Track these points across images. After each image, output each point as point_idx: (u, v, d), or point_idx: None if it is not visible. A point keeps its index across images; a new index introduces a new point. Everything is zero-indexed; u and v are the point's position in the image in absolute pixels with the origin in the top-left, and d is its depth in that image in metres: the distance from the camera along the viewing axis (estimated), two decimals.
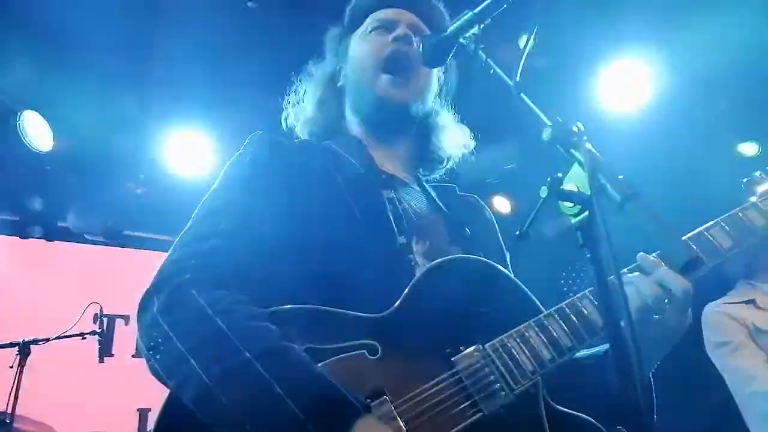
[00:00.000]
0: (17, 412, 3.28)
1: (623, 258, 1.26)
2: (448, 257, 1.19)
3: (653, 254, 1.22)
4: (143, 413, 4.72)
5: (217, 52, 3.80)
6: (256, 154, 1.29)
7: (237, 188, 1.22)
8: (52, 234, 4.86)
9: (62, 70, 3.88)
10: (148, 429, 4.51)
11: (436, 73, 1.54)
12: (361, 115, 1.49)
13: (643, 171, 3.05)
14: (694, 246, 1.16)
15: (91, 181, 4.63)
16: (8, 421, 3.23)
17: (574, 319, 1.16)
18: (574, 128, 0.90)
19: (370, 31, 1.50)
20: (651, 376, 1.23)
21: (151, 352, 1.01)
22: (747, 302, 2.55)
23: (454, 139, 1.58)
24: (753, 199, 1.39)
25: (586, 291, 1.21)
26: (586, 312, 1.17)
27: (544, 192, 0.88)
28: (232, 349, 0.95)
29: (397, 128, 1.51)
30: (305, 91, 1.60)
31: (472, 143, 1.63)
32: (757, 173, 1.46)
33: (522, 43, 1.13)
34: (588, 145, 0.88)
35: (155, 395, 1.05)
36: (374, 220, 1.23)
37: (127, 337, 5.05)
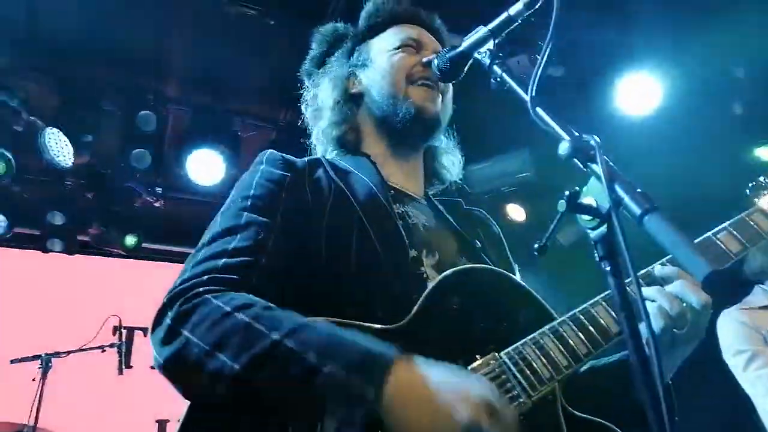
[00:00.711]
0: (39, 424, 3.33)
1: (641, 268, 1.27)
2: (461, 267, 1.19)
3: (665, 259, 1.23)
4: (162, 424, 4.75)
5: (233, 66, 3.85)
6: (266, 172, 1.29)
7: (248, 207, 1.21)
8: (72, 248, 4.94)
9: (82, 86, 3.96)
10: None
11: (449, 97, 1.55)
12: (389, 126, 1.46)
13: (657, 175, 3.03)
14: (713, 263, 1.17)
15: (109, 196, 4.70)
16: None
17: (589, 325, 1.16)
18: (591, 141, 0.90)
19: (398, 47, 1.48)
20: (671, 381, 1.23)
21: (171, 365, 1.00)
22: (763, 308, 2.54)
23: (456, 162, 1.60)
24: (759, 202, 1.42)
25: (599, 297, 1.21)
26: (600, 318, 1.17)
27: (561, 206, 0.88)
28: (258, 334, 0.95)
29: (422, 141, 1.52)
30: (319, 96, 1.56)
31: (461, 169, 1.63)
32: (762, 178, 1.47)
33: (537, 57, 1.14)
34: (605, 158, 0.88)
35: (175, 406, 1.04)
36: (386, 235, 1.23)
37: (146, 348, 5.08)
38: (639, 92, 3.88)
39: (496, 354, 1.09)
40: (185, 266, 1.12)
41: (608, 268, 0.84)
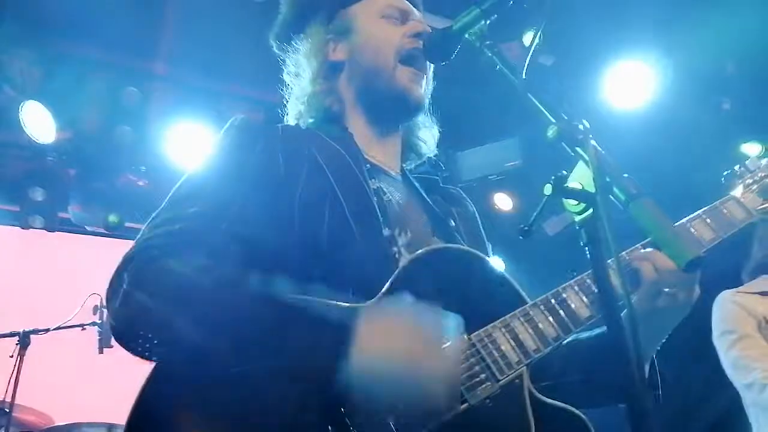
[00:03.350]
0: (16, 401, 3.29)
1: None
2: (431, 247, 1.18)
3: (646, 242, 1.23)
4: None
5: (221, 45, 3.79)
6: (236, 137, 1.27)
7: (211, 173, 1.20)
8: (52, 225, 4.86)
9: (66, 61, 3.88)
10: None
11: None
12: (371, 101, 1.44)
13: (647, 169, 3.05)
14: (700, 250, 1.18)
15: (92, 173, 4.63)
16: (8, 410, 3.24)
17: (559, 309, 1.16)
18: (580, 126, 0.90)
19: (383, 16, 1.44)
20: (655, 356, 1.24)
21: (127, 325, 1.01)
22: (763, 294, 2.49)
23: (433, 137, 1.57)
24: (733, 192, 1.42)
25: (571, 281, 1.21)
26: (570, 302, 1.17)
27: (548, 190, 0.88)
28: (223, 297, 0.98)
29: (403, 120, 1.50)
30: (299, 65, 1.52)
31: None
32: (737, 167, 1.48)
33: (528, 40, 1.13)
34: (593, 143, 0.87)
35: None
36: (361, 210, 1.22)
37: None
38: (629, 84, 3.89)
39: (465, 336, 1.08)
40: (143, 229, 1.11)
41: (591, 253, 0.84)
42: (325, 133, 1.38)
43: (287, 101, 1.55)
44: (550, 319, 1.14)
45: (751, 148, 4.26)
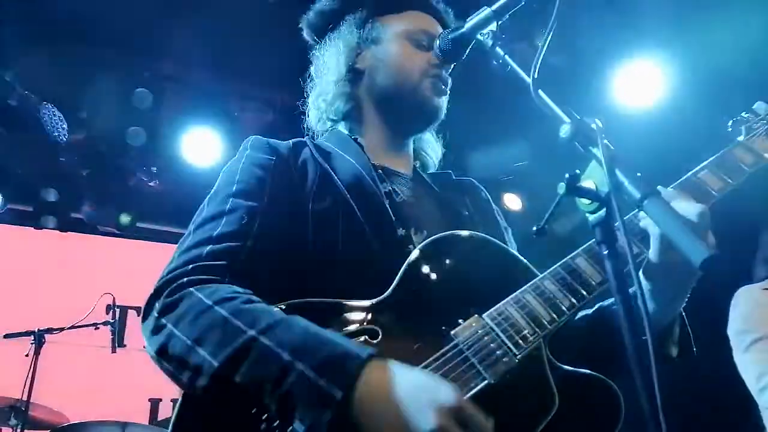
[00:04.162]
0: (32, 399, 3.34)
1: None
2: (438, 235, 1.20)
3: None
4: (155, 403, 4.77)
5: (232, 47, 3.81)
6: (251, 156, 1.30)
7: (232, 193, 1.22)
8: (65, 225, 4.91)
9: (79, 62, 3.91)
10: (158, 419, 4.56)
11: None
12: (390, 108, 1.46)
13: (658, 167, 3.03)
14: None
15: (104, 174, 4.67)
16: (24, 409, 3.29)
17: (570, 279, 1.15)
18: (593, 125, 0.90)
19: (412, 39, 1.45)
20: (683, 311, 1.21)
21: (159, 356, 1.03)
22: None
23: (438, 154, 1.61)
24: (740, 138, 1.36)
25: (579, 250, 1.20)
26: (581, 271, 1.16)
27: (561, 188, 0.88)
28: (236, 330, 0.97)
29: (419, 131, 1.52)
30: (326, 62, 1.53)
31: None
32: (744, 113, 1.43)
33: (538, 40, 1.13)
34: (606, 142, 0.88)
35: (167, 386, 1.07)
36: (373, 213, 1.24)
37: (139, 328, 5.09)
38: (639, 84, 3.87)
39: (478, 316, 1.09)
40: (173, 255, 1.14)
41: (606, 252, 0.85)
42: (335, 144, 1.41)
43: (308, 95, 1.57)
44: (562, 288, 1.14)
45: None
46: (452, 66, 1.44)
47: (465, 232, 1.23)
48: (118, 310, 4.02)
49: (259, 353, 0.94)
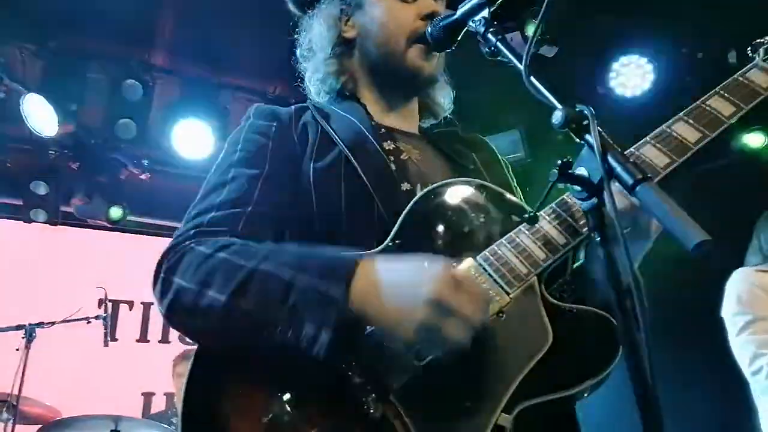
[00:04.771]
0: (23, 394, 3.31)
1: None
2: (434, 185, 1.20)
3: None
4: (148, 397, 4.76)
5: (223, 38, 3.78)
6: (253, 124, 1.32)
7: (235, 161, 1.25)
8: (55, 219, 4.87)
9: (68, 54, 3.87)
10: (151, 413, 4.56)
11: None
12: (382, 81, 1.45)
13: None
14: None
15: (94, 167, 4.63)
16: (15, 403, 3.27)
17: (566, 215, 1.14)
18: (585, 112, 0.89)
19: None
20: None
21: (171, 312, 1.07)
22: None
23: (448, 96, 1.57)
24: (756, 60, 1.27)
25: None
26: (576, 209, 1.14)
27: (553, 176, 0.88)
28: (237, 266, 1.03)
29: (416, 95, 1.50)
30: (311, 38, 1.50)
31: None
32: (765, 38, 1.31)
33: (530, 29, 1.12)
34: (598, 129, 0.87)
35: (159, 380, 1.07)
36: (375, 170, 1.25)
37: (132, 322, 5.08)
38: (631, 74, 3.88)
39: (472, 259, 1.09)
40: (180, 226, 1.19)
41: (598, 239, 0.84)
42: (337, 106, 1.41)
43: (303, 75, 1.56)
44: (558, 226, 1.13)
45: (753, 139, 4.25)
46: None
47: (462, 180, 1.23)
48: (110, 304, 3.99)
49: (262, 279, 1.01)
